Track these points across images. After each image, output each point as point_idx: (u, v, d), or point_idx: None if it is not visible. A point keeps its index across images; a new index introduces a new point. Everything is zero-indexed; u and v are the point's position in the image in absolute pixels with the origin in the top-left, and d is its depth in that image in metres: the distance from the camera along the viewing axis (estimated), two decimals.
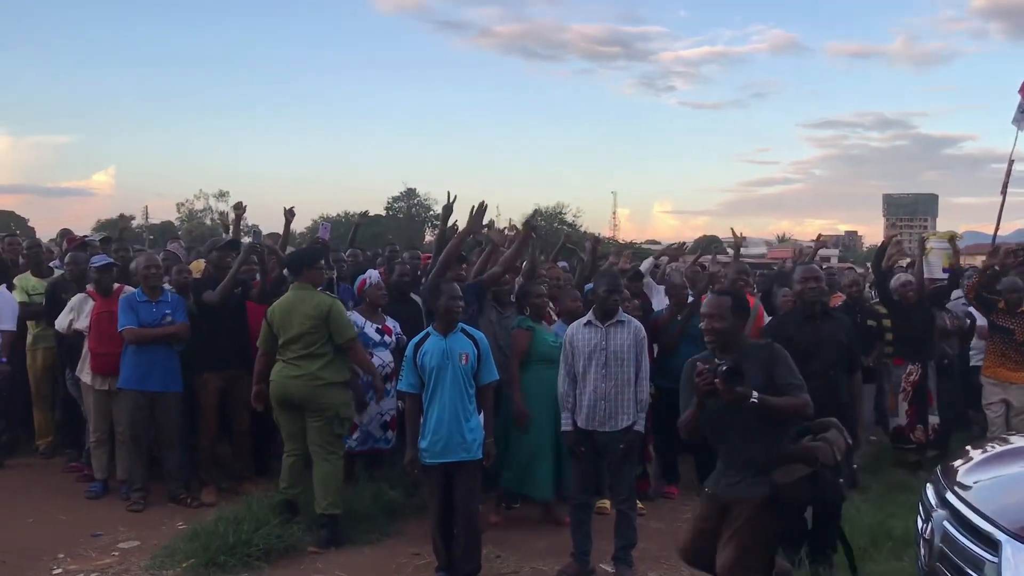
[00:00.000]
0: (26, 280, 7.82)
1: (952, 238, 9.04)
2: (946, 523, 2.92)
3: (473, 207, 6.55)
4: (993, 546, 2.61)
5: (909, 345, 7.75)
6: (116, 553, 5.65)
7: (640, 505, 6.50)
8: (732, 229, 9.76)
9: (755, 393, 3.86)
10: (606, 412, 5.38)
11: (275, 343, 5.92)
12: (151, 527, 6.12)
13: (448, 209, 6.86)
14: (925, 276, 8.23)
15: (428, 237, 69.95)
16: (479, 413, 5.30)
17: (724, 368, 3.80)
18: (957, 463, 3.32)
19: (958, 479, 3.09)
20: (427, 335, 5.30)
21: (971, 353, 8.57)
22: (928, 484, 3.26)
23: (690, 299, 7.22)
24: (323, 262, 6.31)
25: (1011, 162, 11.26)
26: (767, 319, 7.14)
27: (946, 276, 8.62)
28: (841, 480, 3.92)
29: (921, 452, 7.57)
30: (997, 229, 11.98)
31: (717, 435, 4.16)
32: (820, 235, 11.33)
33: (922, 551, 3.17)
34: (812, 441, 4.06)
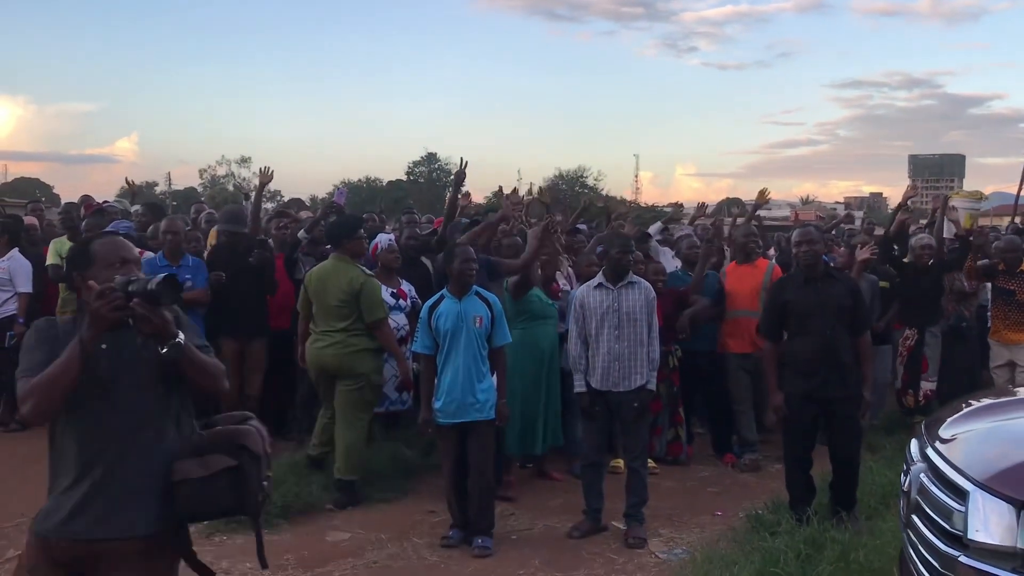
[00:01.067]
0: (61, 244, 7.94)
1: (980, 197, 8.86)
2: (923, 476, 2.97)
3: (506, 194, 6.66)
4: (962, 496, 2.66)
5: (911, 309, 7.68)
6: None
7: (653, 464, 6.61)
8: (762, 191, 9.52)
9: (180, 335, 2.60)
10: (620, 373, 5.46)
11: (311, 307, 6.04)
12: None
13: (461, 175, 6.91)
14: (946, 236, 8.12)
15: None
16: (492, 375, 5.39)
17: (160, 278, 2.51)
18: (941, 418, 3.38)
19: (938, 433, 3.15)
20: (441, 298, 5.39)
21: (988, 315, 8.52)
22: (913, 439, 3.32)
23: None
24: (363, 232, 6.32)
25: None
26: None
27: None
28: (265, 483, 2.87)
29: (912, 416, 7.51)
30: (1020, 189, 11.86)
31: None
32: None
33: (902, 503, 3.24)
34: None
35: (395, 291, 6.59)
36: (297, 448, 6.54)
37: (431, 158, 77.89)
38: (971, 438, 3.07)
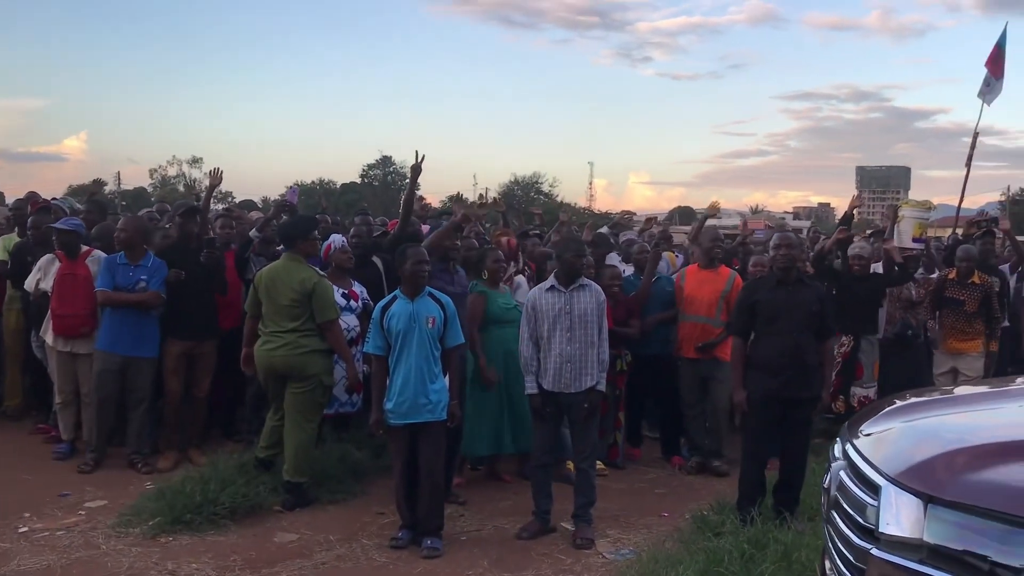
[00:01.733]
0: (10, 240, 7.83)
1: (929, 207, 9.02)
2: (842, 473, 3.07)
3: (480, 198, 6.65)
4: (875, 491, 2.75)
5: (846, 317, 7.48)
6: (83, 512, 5.71)
7: (602, 466, 6.68)
8: (713, 202, 9.82)
9: None
10: (572, 374, 5.50)
11: (261, 307, 5.96)
12: (119, 487, 6.18)
13: (417, 168, 6.84)
14: (896, 245, 8.18)
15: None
16: (444, 375, 5.41)
17: None
18: (863, 417, 3.48)
19: (858, 431, 3.25)
20: (394, 298, 5.40)
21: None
22: (837, 438, 3.42)
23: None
24: (316, 233, 6.29)
25: (976, 135, 11.44)
26: None
27: (916, 246, 8.53)
28: None
29: (839, 423, 7.57)
30: (961, 202, 12.18)
31: None
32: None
33: (823, 500, 3.33)
34: None
35: (346, 292, 6.58)
36: (245, 449, 6.49)
37: (386, 161, 77.71)
38: (886, 436, 3.17)
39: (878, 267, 8.16)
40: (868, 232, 10.58)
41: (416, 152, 6.70)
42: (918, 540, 2.52)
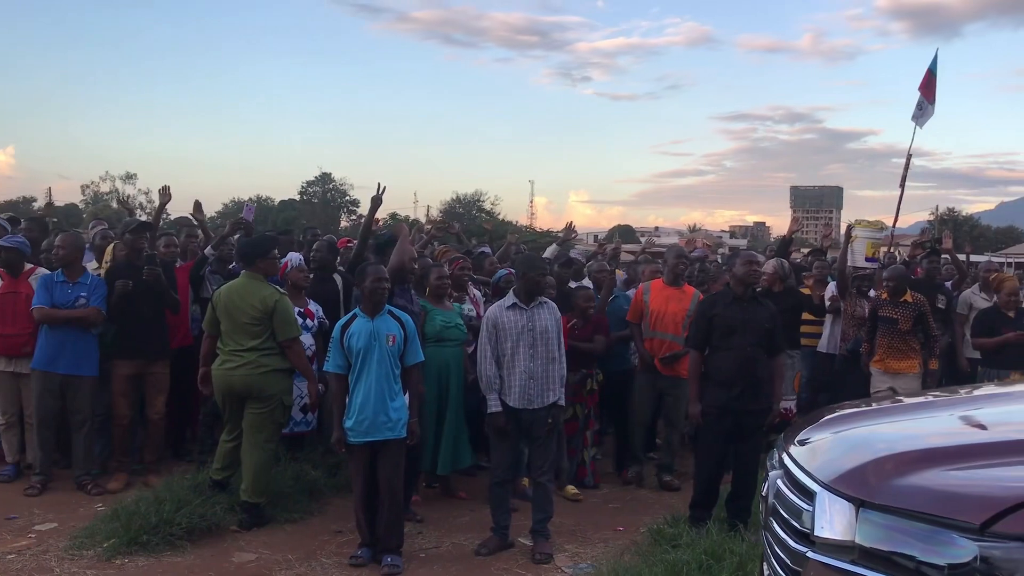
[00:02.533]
0: None
1: (881, 227, 9.18)
2: (779, 481, 3.21)
3: (436, 221, 6.74)
4: (810, 497, 2.90)
5: None
6: (33, 535, 5.58)
7: (576, 491, 6.80)
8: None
9: None
10: (535, 390, 5.59)
11: (219, 326, 5.90)
12: (69, 509, 6.07)
13: (377, 200, 6.96)
14: (849, 264, 8.47)
15: (344, 222, 69.35)
16: (404, 393, 5.44)
17: None
18: (799, 427, 3.66)
19: (795, 440, 3.41)
20: (354, 316, 5.41)
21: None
22: (775, 448, 3.57)
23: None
24: (276, 252, 6.24)
25: (909, 157, 11.84)
26: None
27: (869, 265, 8.72)
28: None
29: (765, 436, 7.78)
30: (895, 222, 12.59)
31: None
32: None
33: (761, 507, 3.47)
34: None
35: (302, 310, 6.57)
36: (199, 469, 6.41)
37: (325, 178, 77.16)
38: (820, 444, 3.32)
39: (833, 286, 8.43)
40: (805, 251, 10.90)
41: (379, 185, 6.90)
42: (850, 542, 2.64)
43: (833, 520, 2.74)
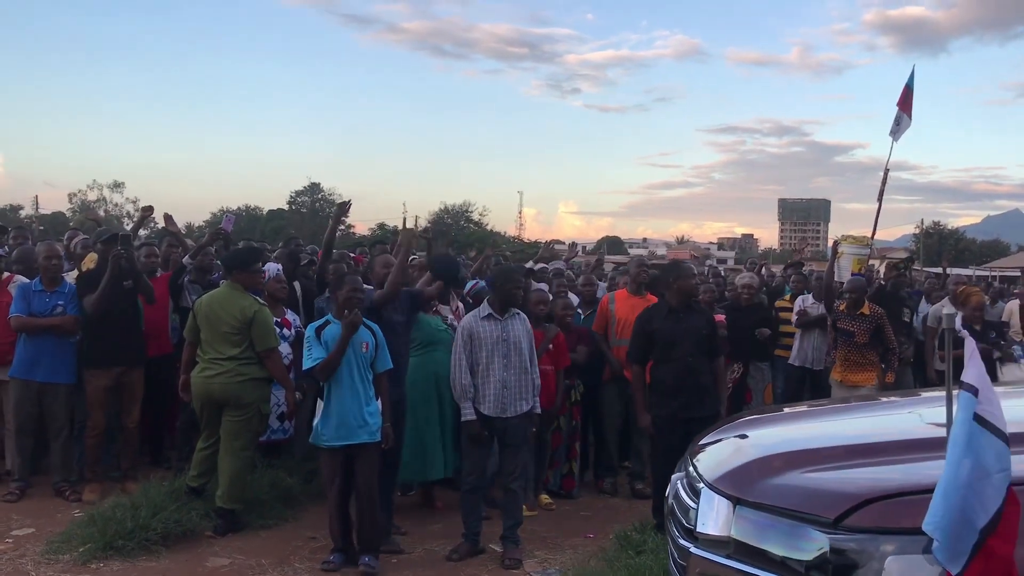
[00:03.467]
0: None
1: (867, 243, 9.27)
2: (679, 483, 3.37)
3: (413, 227, 6.86)
4: (698, 496, 3.07)
5: (735, 345, 7.82)
6: (10, 540, 5.66)
7: (549, 500, 6.93)
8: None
9: None
10: (509, 399, 5.73)
11: (199, 334, 5.98)
12: (46, 515, 6.14)
13: (339, 212, 7.26)
14: (836, 279, 8.54)
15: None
16: (376, 399, 5.55)
17: None
18: (706, 433, 3.82)
19: (699, 445, 3.57)
20: (327, 322, 5.51)
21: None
22: (687, 453, 3.73)
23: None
24: (259, 265, 6.32)
25: (886, 171, 12.01)
26: None
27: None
28: None
29: None
30: (873, 235, 12.77)
31: None
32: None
33: (666, 509, 3.64)
34: None
35: (280, 320, 6.67)
36: (176, 476, 6.49)
37: (314, 188, 77.20)
38: (716, 447, 3.52)
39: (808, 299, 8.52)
40: (787, 264, 11.06)
41: (348, 202, 7.29)
42: (727, 537, 2.80)
43: (713, 517, 2.91)
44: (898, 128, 12.01)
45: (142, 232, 10.28)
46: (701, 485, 3.07)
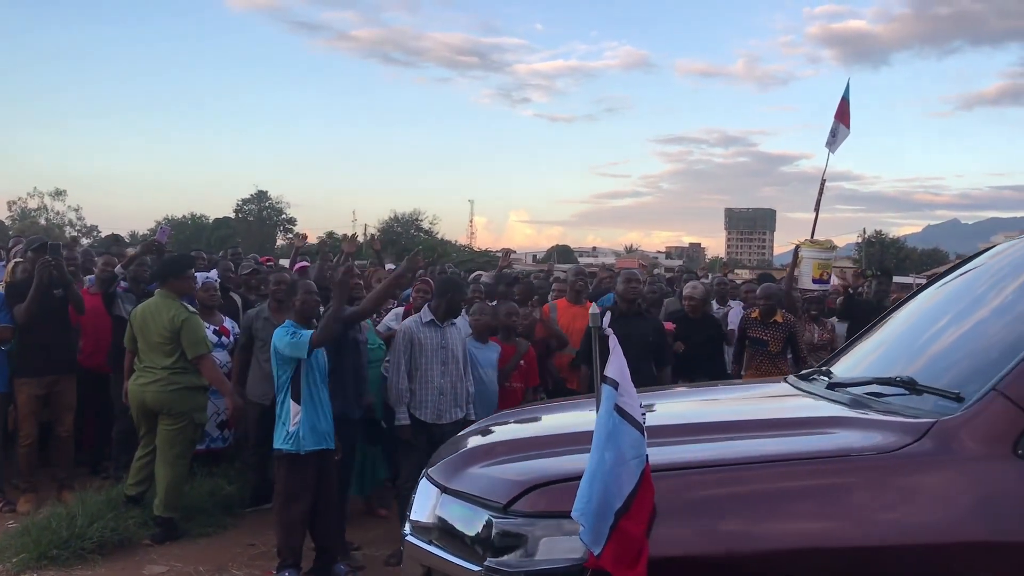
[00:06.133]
0: None
1: (831, 248, 8.89)
2: (424, 477, 3.50)
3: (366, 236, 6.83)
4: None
5: (681, 359, 7.15)
6: None
7: None
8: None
9: None
10: (445, 406, 5.83)
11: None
12: None
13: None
14: (797, 286, 8.34)
15: (280, 240, 68.74)
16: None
17: None
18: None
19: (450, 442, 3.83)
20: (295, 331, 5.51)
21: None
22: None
23: None
24: (191, 271, 6.33)
25: (823, 181, 12.32)
26: None
27: (817, 286, 8.43)
28: None
29: None
30: (812, 238, 13.06)
31: None
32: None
33: None
34: None
35: (217, 328, 6.69)
36: (113, 485, 6.47)
37: (261, 196, 76.43)
38: (454, 441, 3.69)
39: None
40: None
41: (375, 234, 6.91)
42: (431, 523, 2.96)
43: (424, 504, 3.08)
44: (835, 139, 12.29)
45: (84, 241, 10.20)
46: (424, 475, 3.26)
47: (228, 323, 6.82)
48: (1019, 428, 2.42)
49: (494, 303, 6.91)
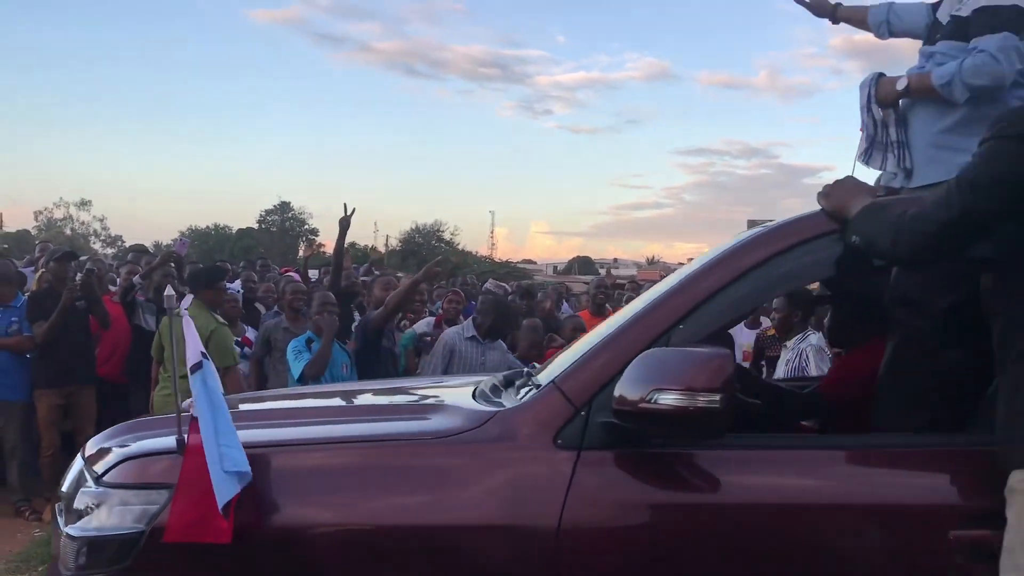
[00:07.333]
0: None
1: None
2: None
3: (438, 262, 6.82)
4: None
5: None
6: None
7: None
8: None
9: None
10: None
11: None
12: (7, 535, 6.15)
13: (345, 223, 6.77)
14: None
15: (302, 252, 69.16)
16: None
17: None
18: None
19: None
20: (310, 340, 5.58)
21: None
22: None
23: None
24: (223, 283, 6.33)
25: None
26: None
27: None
28: None
29: None
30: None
31: None
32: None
33: None
34: None
35: (240, 339, 6.74)
36: None
37: (284, 207, 76.83)
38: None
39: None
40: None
41: (345, 206, 6.71)
42: (70, 493, 2.80)
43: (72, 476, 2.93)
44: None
45: (109, 251, 10.30)
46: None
47: (251, 334, 6.86)
48: (564, 419, 2.41)
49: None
